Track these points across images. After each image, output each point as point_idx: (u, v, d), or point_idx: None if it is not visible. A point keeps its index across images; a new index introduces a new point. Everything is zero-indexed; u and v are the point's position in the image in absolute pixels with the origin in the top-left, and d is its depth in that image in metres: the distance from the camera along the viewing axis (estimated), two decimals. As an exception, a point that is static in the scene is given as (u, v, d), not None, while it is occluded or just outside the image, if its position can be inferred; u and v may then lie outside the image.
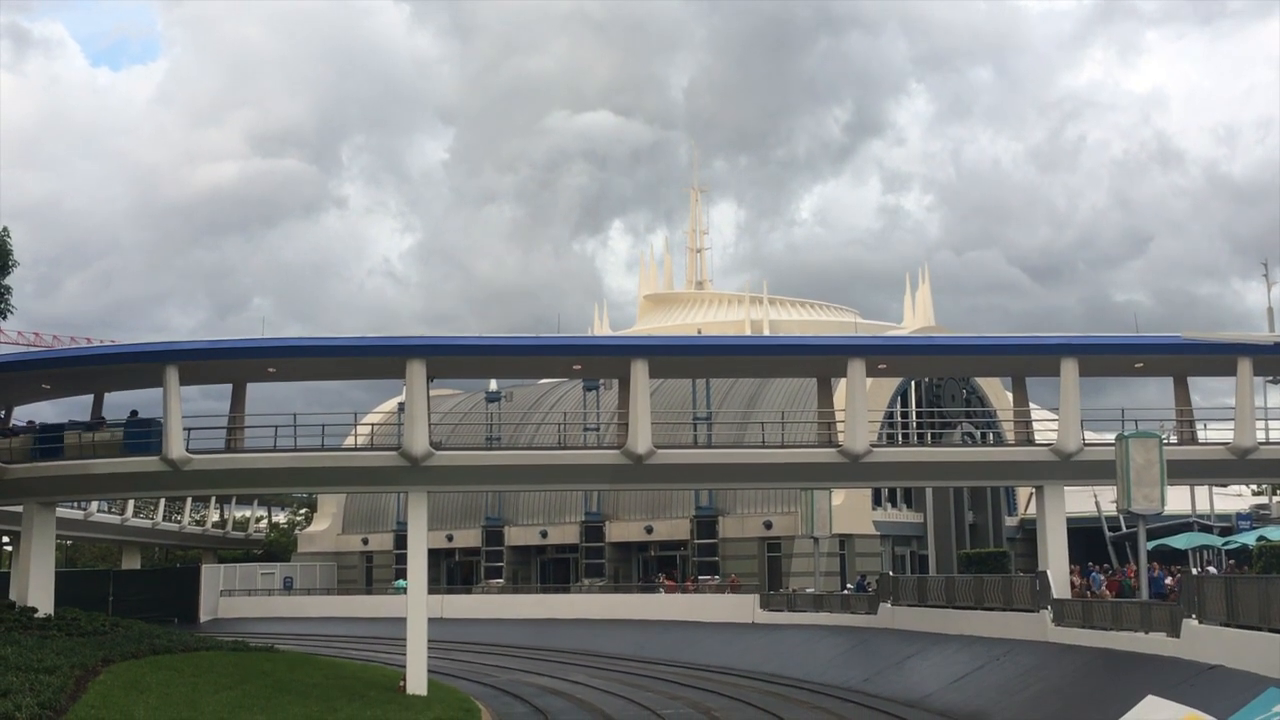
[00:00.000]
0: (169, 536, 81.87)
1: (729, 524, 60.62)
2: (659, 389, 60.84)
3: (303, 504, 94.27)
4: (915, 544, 62.12)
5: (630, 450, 32.67)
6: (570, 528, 65.62)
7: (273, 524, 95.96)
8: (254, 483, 34.56)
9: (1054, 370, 34.14)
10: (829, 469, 34.33)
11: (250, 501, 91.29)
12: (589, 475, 34.51)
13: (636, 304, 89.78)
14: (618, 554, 64.71)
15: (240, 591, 70.93)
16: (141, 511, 78.04)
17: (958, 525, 62.00)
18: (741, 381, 62.60)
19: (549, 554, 68.31)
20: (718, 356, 36.00)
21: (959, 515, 62.25)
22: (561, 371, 38.79)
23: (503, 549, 67.69)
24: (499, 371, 44.03)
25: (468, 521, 69.37)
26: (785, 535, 58.23)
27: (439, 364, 33.03)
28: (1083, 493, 49.65)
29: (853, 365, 33.46)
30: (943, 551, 60.72)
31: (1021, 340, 35.37)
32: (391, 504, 71.61)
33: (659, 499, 62.75)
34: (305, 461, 32.39)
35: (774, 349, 36.19)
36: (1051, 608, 32.67)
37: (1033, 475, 35.46)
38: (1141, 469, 31.05)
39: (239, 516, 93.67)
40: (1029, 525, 62.28)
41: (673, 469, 33.67)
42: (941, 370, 50.01)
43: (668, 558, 63.83)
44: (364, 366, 33.83)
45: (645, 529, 63.24)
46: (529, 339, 34.20)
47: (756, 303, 79.63)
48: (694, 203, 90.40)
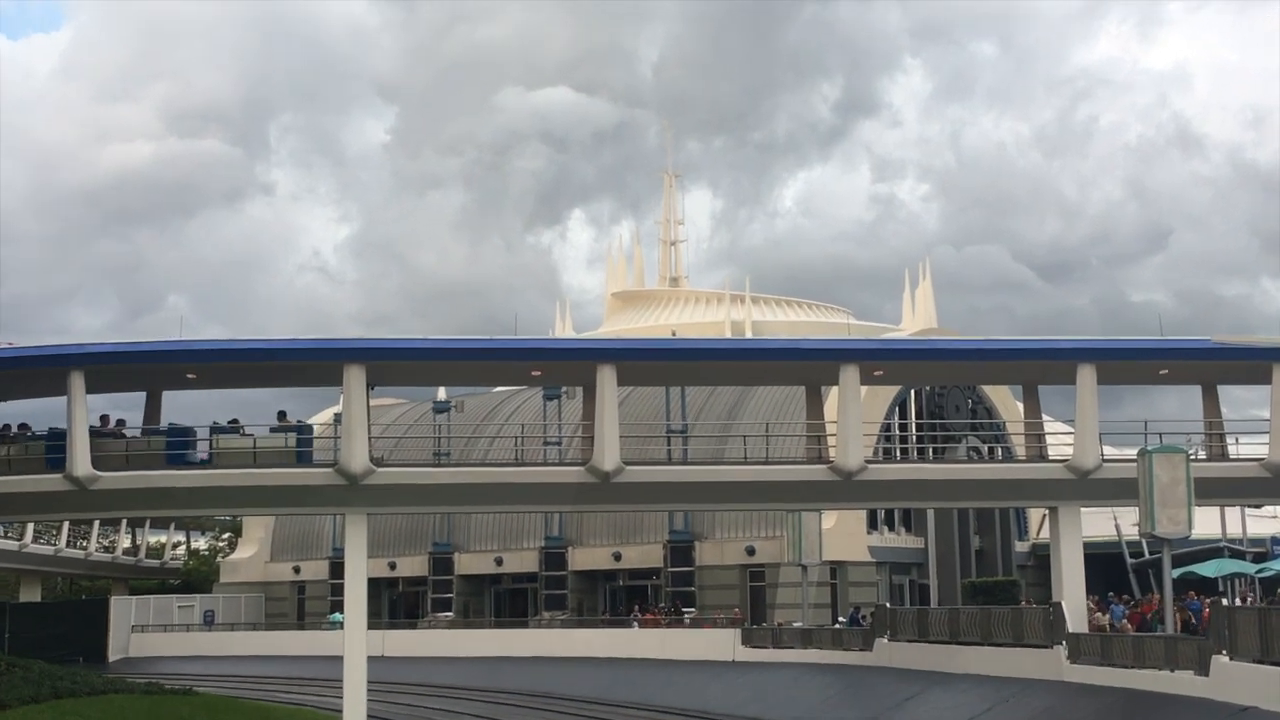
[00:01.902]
0: (74, 565, 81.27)
1: (707, 550, 60.72)
2: (628, 398, 60.70)
3: (226, 528, 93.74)
4: (915, 572, 62.24)
5: (596, 467, 32.67)
6: (528, 554, 65.61)
7: (192, 551, 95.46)
8: (170, 504, 34.38)
9: (1069, 378, 34.27)
10: (819, 488, 34.41)
11: (166, 525, 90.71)
12: (550, 495, 34.51)
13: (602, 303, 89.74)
14: (582, 584, 64.75)
15: (155, 627, 70.52)
16: (42, 536, 77.39)
17: (962, 551, 62.17)
18: (721, 390, 62.65)
19: (505, 584, 68.31)
20: (694, 362, 36.01)
21: (964, 540, 62.42)
22: (518, 378, 38.85)
23: (452, 578, 67.69)
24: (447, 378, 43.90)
25: (413, 547, 69.35)
26: (770, 562, 58.35)
27: (379, 370, 32.98)
28: (1101, 515, 49.69)
29: (845, 372, 33.56)
30: (946, 580, 60.92)
31: (1034, 344, 35.53)
32: (327, 527, 71.47)
33: (628, 522, 62.79)
34: (228, 480, 32.31)
35: (757, 353, 36.24)
36: (1067, 643, 32.76)
37: (1046, 495, 35.62)
38: (1166, 488, 31.23)
39: (153, 542, 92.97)
40: (1041, 551, 62.02)
41: (644, 488, 33.72)
42: (945, 377, 50.19)
43: (638, 588, 63.91)
44: (295, 373, 33.71)
45: (613, 555, 63.26)
46: (481, 341, 34.17)
47: (737, 302, 79.76)
48: (667, 189, 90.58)
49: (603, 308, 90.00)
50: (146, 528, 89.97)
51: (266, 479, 32.68)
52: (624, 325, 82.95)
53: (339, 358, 32.07)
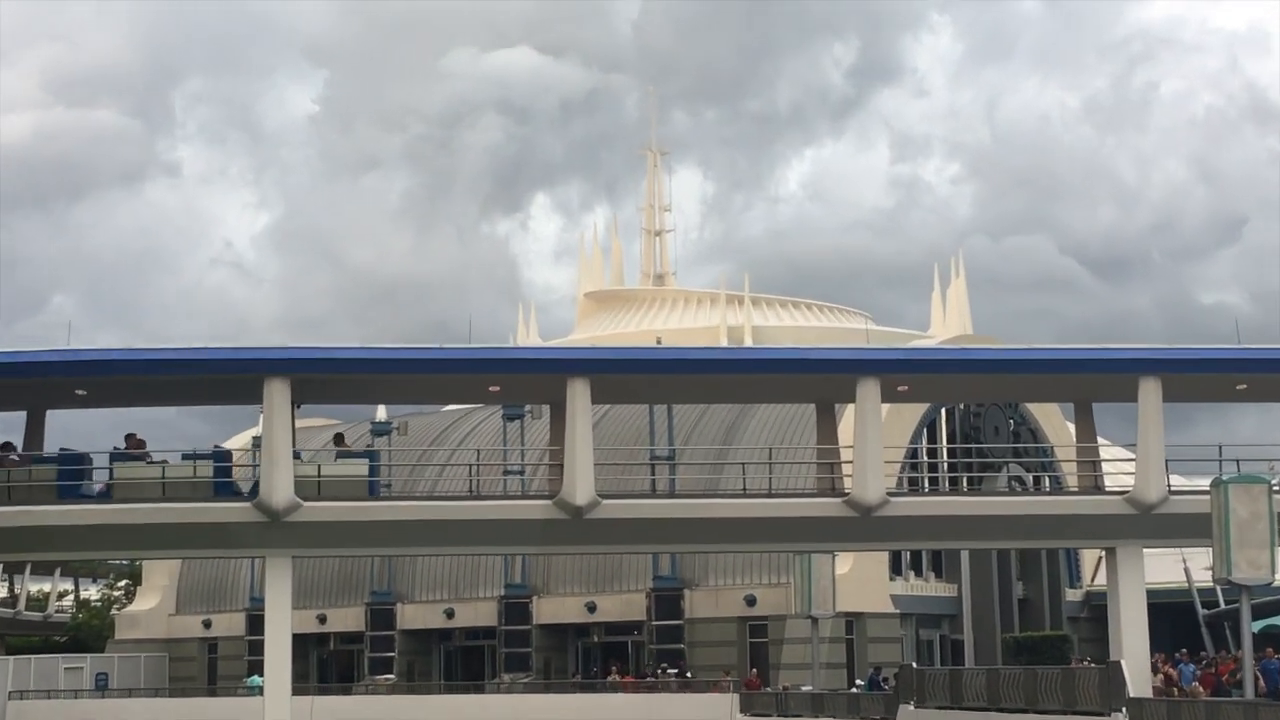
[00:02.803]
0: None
1: (698, 599, 60.65)
2: (605, 418, 60.62)
3: (122, 574, 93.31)
4: (947, 626, 62.34)
5: (566, 501, 32.71)
6: (485, 605, 65.50)
7: (82, 601, 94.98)
8: (58, 545, 34.37)
9: (1129, 394, 34.39)
10: (832, 526, 34.49)
11: (51, 570, 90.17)
12: (511, 534, 34.59)
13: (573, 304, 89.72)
14: (549, 640, 64.67)
15: (36, 693, 70.01)
16: (-99, 585, 77.24)
17: (1003, 601, 62.19)
18: (715, 409, 62.65)
19: (457, 640, 68.21)
20: (684, 375, 36.03)
21: (1004, 588, 62.48)
22: (473, 394, 39.50)
23: (394, 634, 67.47)
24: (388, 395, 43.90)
25: (347, 597, 69.22)
26: (774, 614, 58.25)
27: (307, 385, 33.09)
28: (1168, 557, 49.98)
29: (864, 386, 33.65)
30: (983, 636, 61.00)
31: (1087, 354, 35.63)
32: (243, 573, 70.99)
33: (605, 566, 62.71)
34: (123, 516, 32.31)
35: (759, 365, 36.29)
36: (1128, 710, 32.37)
37: (1102, 533, 35.73)
38: (1245, 525, 31.05)
39: (34, 591, 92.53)
40: (1097, 601, 62.01)
41: (623, 526, 33.76)
42: (981, 393, 50.30)
43: (616, 645, 63.74)
44: (206, 388, 33.97)
45: (586, 607, 63.16)
46: (428, 351, 34.26)
47: (734, 303, 79.83)
48: (651, 168, 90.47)
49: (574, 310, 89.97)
50: (27, 574, 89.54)
51: (172, 515, 32.68)
52: (599, 331, 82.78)
53: (258, 370, 32.18)
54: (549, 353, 40.80)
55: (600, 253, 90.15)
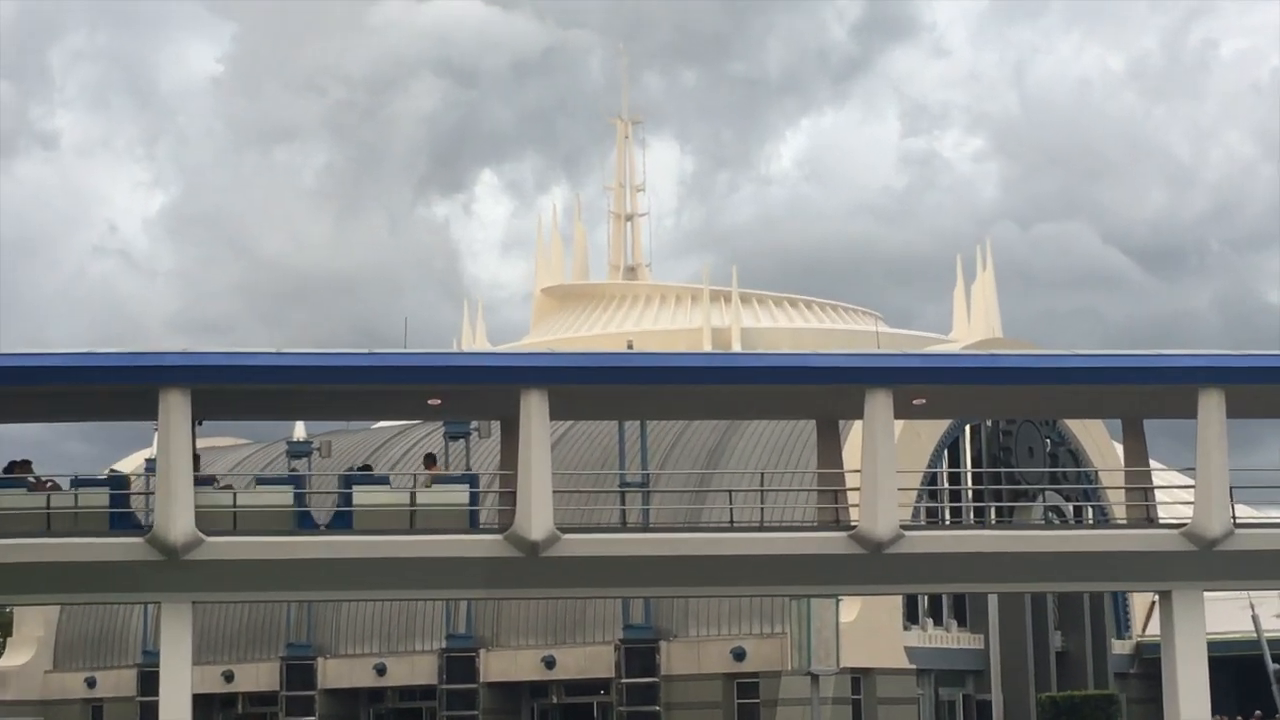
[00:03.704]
0: None
1: (677, 653, 60.65)
2: (566, 438, 60.78)
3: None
4: (972, 683, 62.54)
5: (519, 535, 32.60)
6: (423, 660, 65.45)
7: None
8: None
9: (1187, 409, 34.35)
10: (835, 565, 34.35)
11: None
12: (454, 575, 34.29)
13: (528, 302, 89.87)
14: (500, 701, 64.64)
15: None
16: None
17: (1038, 654, 62.37)
18: (697, 428, 62.82)
19: (389, 701, 68.19)
20: (660, 386, 35.86)
21: (1040, 639, 62.63)
22: (410, 409, 39.36)
23: (314, 694, 67.30)
24: (307, 410, 43.82)
25: (258, 651, 69.12)
26: (766, 671, 58.45)
27: (210, 397, 32.91)
28: (1233, 602, 49.30)
29: (873, 399, 33.56)
30: (1015, 695, 61.04)
31: (1139, 362, 35.50)
32: (134, 623, 70.94)
33: (566, 614, 62.80)
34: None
35: (749, 374, 36.03)
36: (1186, 785, 32.88)
37: (1155, 574, 35.66)
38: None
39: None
40: (1149, 653, 62.68)
41: (587, 565, 33.63)
42: (1013, 409, 50.38)
43: (579, 707, 63.77)
44: (88, 402, 33.66)
45: (543, 662, 63.17)
46: (356, 358, 34.08)
47: (720, 301, 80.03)
48: (621, 140, 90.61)
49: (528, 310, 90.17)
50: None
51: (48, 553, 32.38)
52: (559, 334, 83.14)
53: (152, 380, 31.96)
54: (499, 359, 40.38)
55: (560, 241, 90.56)
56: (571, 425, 59.88)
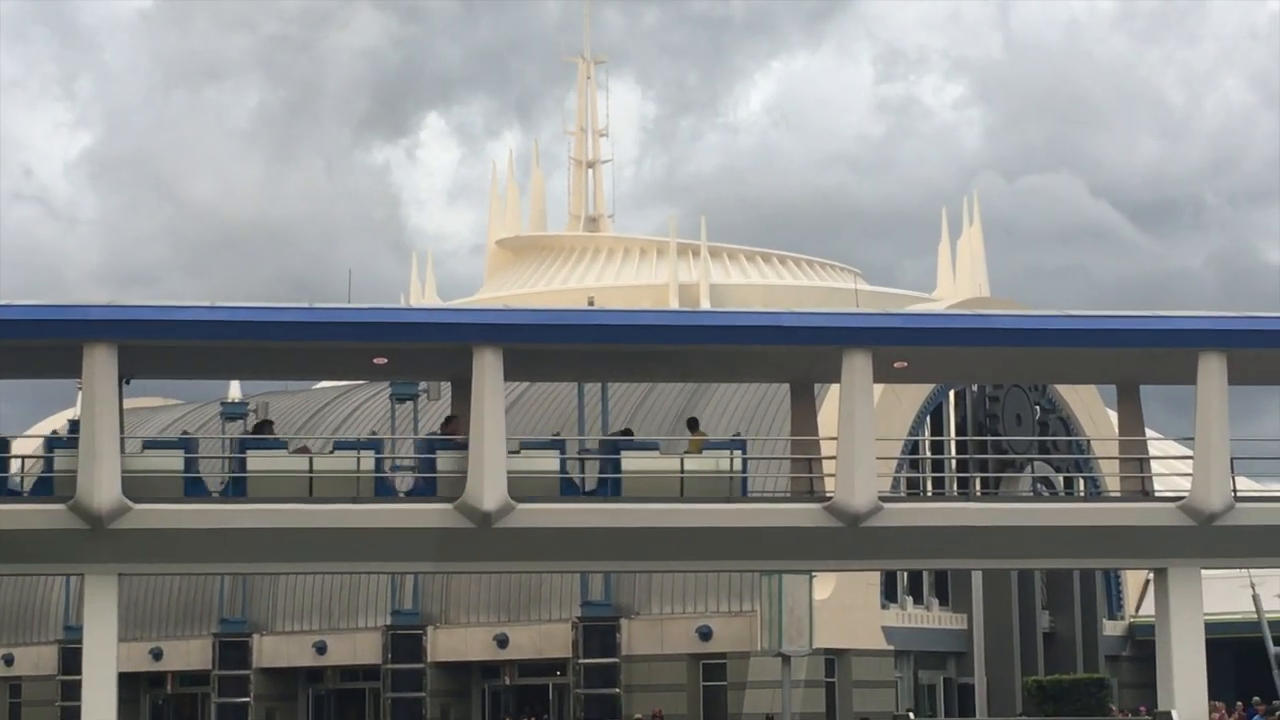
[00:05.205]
0: None
1: (638, 632, 60.48)
2: (521, 400, 60.08)
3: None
4: (953, 665, 62.77)
5: (470, 505, 32.42)
6: (366, 637, 65.16)
7: None
8: None
9: (1185, 374, 34.24)
10: (809, 538, 34.13)
11: None
12: (399, 547, 34.09)
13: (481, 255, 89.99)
14: (448, 682, 64.48)
15: None
16: None
17: (1024, 636, 62.68)
18: (662, 391, 62.94)
19: (329, 682, 68.26)
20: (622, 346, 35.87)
21: (1026, 619, 62.94)
22: (352, 368, 39.28)
23: (249, 673, 66.97)
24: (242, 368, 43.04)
25: (189, 627, 68.96)
26: (734, 651, 58.33)
27: (137, 354, 32.69)
28: (1232, 580, 49.86)
29: (851, 362, 33.39)
30: (999, 678, 61.17)
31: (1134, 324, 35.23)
32: (55, 596, 70.97)
33: (519, 589, 62.65)
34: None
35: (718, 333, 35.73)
36: (1182, 774, 32.85)
37: (1150, 550, 35.49)
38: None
39: None
40: (1143, 635, 63.12)
41: (542, 537, 33.55)
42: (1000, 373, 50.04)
43: (533, 689, 63.98)
44: (9, 358, 33.59)
45: (495, 640, 62.83)
46: (295, 312, 33.99)
47: (688, 255, 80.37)
48: (583, 81, 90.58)
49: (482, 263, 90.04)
50: None
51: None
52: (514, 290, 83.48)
53: (75, 335, 31.85)
54: (450, 315, 40.63)
55: (516, 190, 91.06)
56: (527, 387, 59.96)
